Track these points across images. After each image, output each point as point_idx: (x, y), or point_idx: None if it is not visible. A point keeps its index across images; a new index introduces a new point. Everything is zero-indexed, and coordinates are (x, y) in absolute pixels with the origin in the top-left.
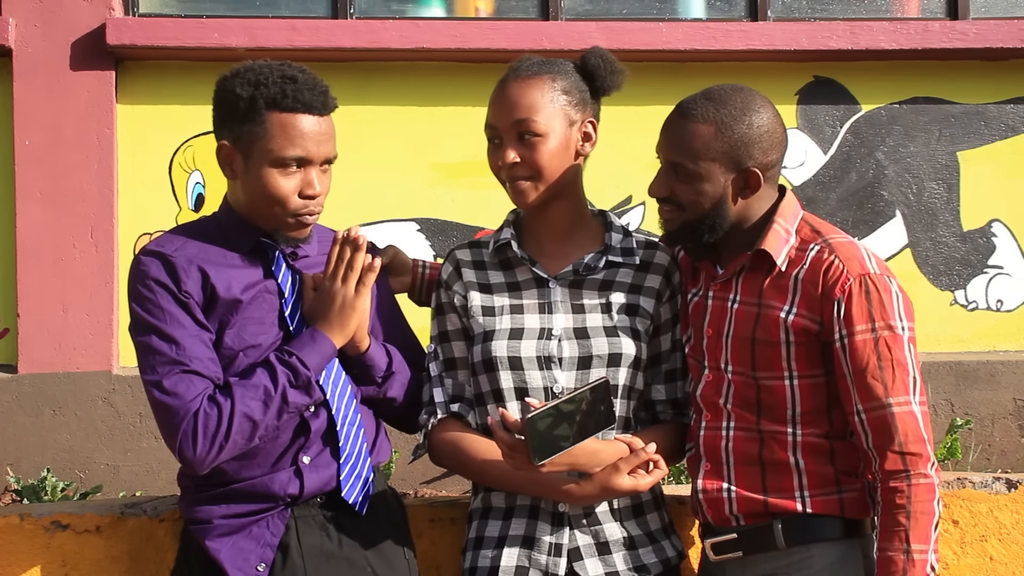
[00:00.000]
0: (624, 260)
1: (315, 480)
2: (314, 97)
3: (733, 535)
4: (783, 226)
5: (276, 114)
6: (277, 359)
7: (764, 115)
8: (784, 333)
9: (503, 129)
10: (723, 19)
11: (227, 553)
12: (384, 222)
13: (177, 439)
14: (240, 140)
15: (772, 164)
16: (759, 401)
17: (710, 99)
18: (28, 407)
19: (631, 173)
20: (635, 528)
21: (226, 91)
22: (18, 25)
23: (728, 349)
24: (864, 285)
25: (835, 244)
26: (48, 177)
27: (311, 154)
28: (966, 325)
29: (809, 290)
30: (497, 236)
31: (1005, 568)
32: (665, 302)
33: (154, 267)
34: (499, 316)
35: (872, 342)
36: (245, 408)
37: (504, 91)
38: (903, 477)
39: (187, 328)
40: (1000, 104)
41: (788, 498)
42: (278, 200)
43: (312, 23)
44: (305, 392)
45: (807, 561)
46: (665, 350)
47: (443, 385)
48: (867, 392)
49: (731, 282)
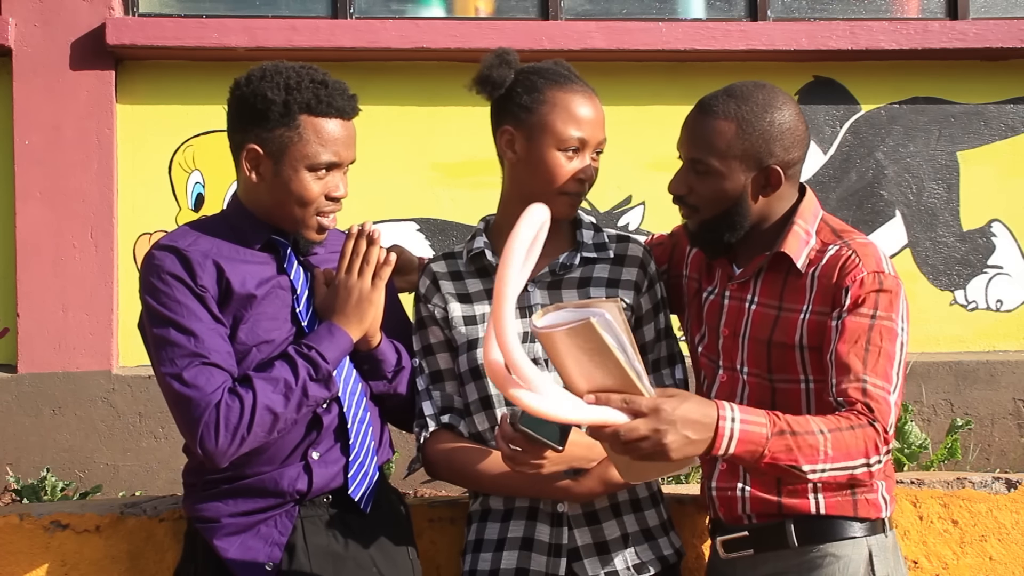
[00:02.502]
0: (599, 255)
1: (323, 476)
2: (345, 102)
3: (744, 533)
4: (803, 227)
5: (311, 118)
6: (297, 352)
7: (786, 112)
8: (800, 335)
9: (592, 143)
10: (723, 19)
11: (235, 552)
12: (384, 222)
13: (198, 431)
14: (270, 144)
15: (794, 162)
16: (774, 404)
17: (732, 96)
18: (28, 407)
19: (631, 173)
20: (633, 524)
21: (255, 95)
22: (18, 25)
23: (744, 350)
24: (877, 280)
25: (855, 244)
26: (48, 177)
27: (342, 158)
28: (966, 325)
29: (824, 283)
30: (470, 245)
31: (1005, 568)
32: (644, 293)
33: (169, 261)
34: (480, 324)
35: (867, 326)
36: (267, 400)
37: (596, 105)
38: (869, 418)
39: (204, 321)
40: (1000, 104)
41: (802, 499)
42: (308, 202)
43: (312, 23)
44: (325, 386)
45: (818, 560)
46: (649, 340)
47: (431, 398)
48: (843, 366)
49: (749, 283)
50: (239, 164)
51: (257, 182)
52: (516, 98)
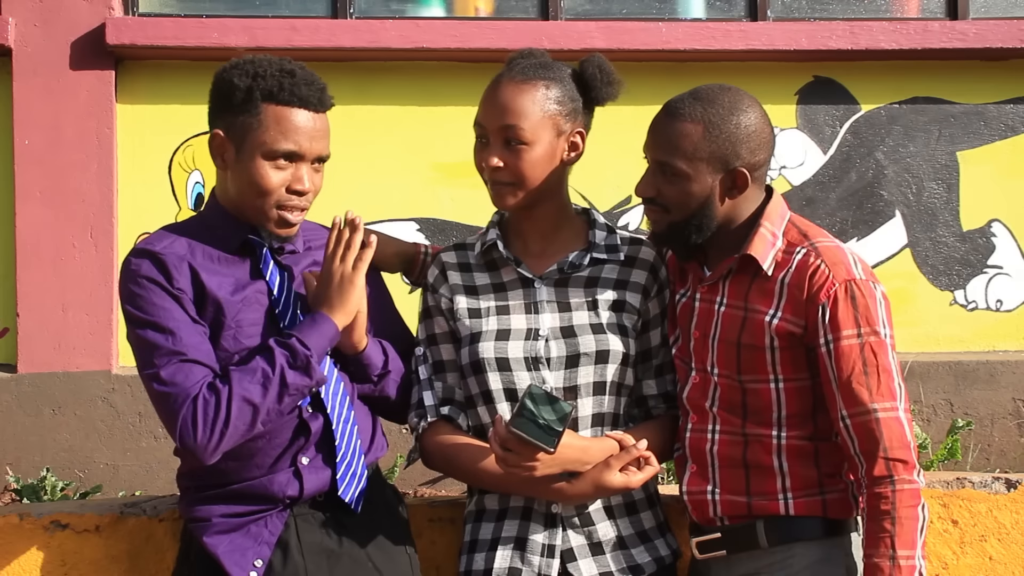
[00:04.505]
0: (609, 257)
1: (315, 481)
2: (311, 92)
3: (717, 534)
4: (769, 229)
5: (272, 106)
6: (276, 342)
7: (751, 115)
8: (769, 338)
9: (491, 130)
10: (723, 19)
11: (224, 549)
12: (384, 222)
13: (177, 427)
14: (233, 130)
15: (759, 164)
16: (745, 404)
17: (698, 98)
18: (28, 407)
19: (631, 173)
20: (628, 527)
21: (223, 81)
22: (18, 25)
23: (714, 352)
24: (850, 290)
25: (821, 248)
26: (48, 177)
27: (303, 149)
28: (966, 325)
29: (795, 294)
30: (483, 237)
31: (1005, 568)
32: (653, 297)
33: (144, 266)
34: (485, 318)
35: (858, 347)
36: (244, 392)
37: (496, 91)
38: (888, 483)
39: (181, 321)
40: (1000, 104)
41: (771, 500)
42: (264, 192)
43: (312, 23)
44: (305, 373)
45: (789, 560)
46: (655, 345)
47: (432, 388)
48: (852, 397)
49: (718, 285)
50: (211, 154)
51: (224, 171)
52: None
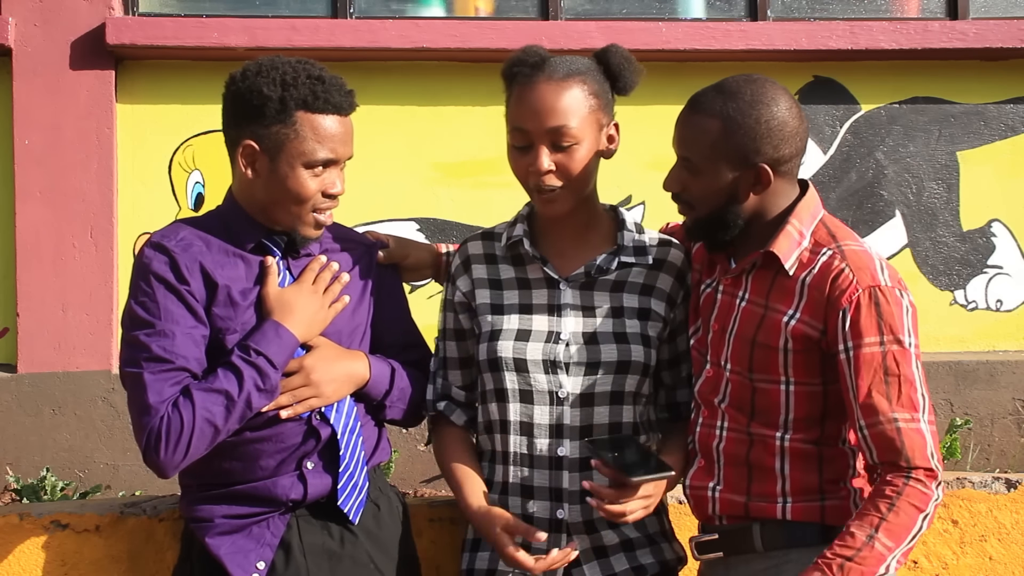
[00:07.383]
0: (637, 260)
1: (319, 485)
2: (343, 99)
3: (715, 535)
4: (797, 227)
5: (307, 115)
6: (243, 360)
7: (775, 108)
8: (783, 339)
9: (537, 134)
10: (723, 19)
11: (227, 550)
12: (384, 222)
13: (143, 440)
14: (267, 140)
15: (786, 159)
16: (753, 403)
17: (721, 92)
18: (28, 407)
19: (631, 173)
20: (633, 531)
21: (250, 91)
22: (18, 25)
23: (729, 347)
24: (873, 297)
25: (847, 251)
26: (48, 177)
27: (339, 155)
28: (966, 325)
29: (815, 296)
30: (510, 232)
31: (1004, 568)
32: (679, 304)
33: (157, 261)
34: (507, 315)
35: (880, 356)
36: (207, 415)
37: (536, 94)
38: (903, 477)
39: (180, 325)
40: (1000, 104)
41: (769, 503)
42: (304, 200)
43: (312, 23)
44: (269, 396)
45: (785, 566)
46: (683, 351)
47: (434, 383)
48: (871, 407)
49: (741, 278)
50: (235, 160)
51: (253, 178)
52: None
